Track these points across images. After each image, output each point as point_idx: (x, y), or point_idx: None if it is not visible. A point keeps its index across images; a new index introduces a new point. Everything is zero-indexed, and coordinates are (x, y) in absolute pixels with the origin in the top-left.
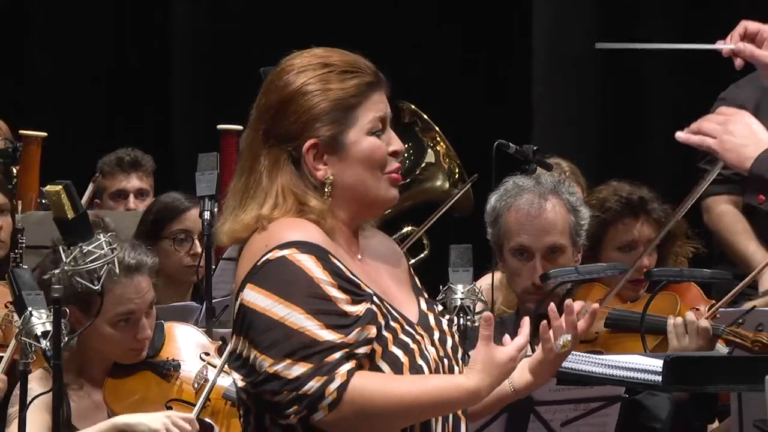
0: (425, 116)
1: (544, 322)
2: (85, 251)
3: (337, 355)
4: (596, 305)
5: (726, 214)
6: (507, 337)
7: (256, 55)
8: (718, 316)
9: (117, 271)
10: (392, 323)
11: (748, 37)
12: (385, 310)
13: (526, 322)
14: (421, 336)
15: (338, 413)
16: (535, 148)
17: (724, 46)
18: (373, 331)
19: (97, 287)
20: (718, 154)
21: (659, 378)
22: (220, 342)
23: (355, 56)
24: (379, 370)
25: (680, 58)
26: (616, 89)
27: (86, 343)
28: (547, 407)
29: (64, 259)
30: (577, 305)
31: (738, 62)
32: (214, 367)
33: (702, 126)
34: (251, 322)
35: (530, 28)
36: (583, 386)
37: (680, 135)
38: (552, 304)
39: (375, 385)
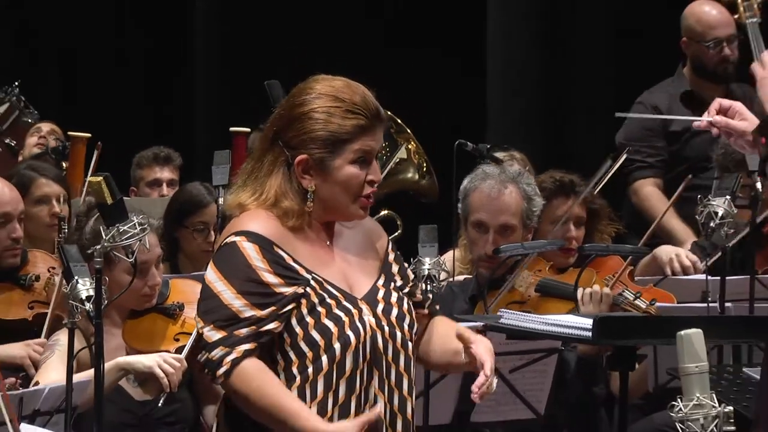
0: (399, 120)
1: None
2: (121, 230)
3: (244, 330)
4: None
5: (651, 195)
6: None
7: (264, 69)
8: (636, 278)
9: (147, 246)
10: (328, 300)
11: (722, 112)
12: (320, 290)
13: (369, 416)
14: (360, 309)
15: (229, 383)
16: (488, 146)
17: (704, 119)
18: (286, 310)
19: (131, 260)
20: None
21: (589, 334)
22: None
23: (363, 96)
24: (312, 339)
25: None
26: (557, 89)
27: (108, 295)
28: (499, 357)
29: (104, 237)
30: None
31: (714, 131)
32: None
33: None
34: (201, 289)
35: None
36: (527, 340)
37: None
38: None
39: (256, 377)
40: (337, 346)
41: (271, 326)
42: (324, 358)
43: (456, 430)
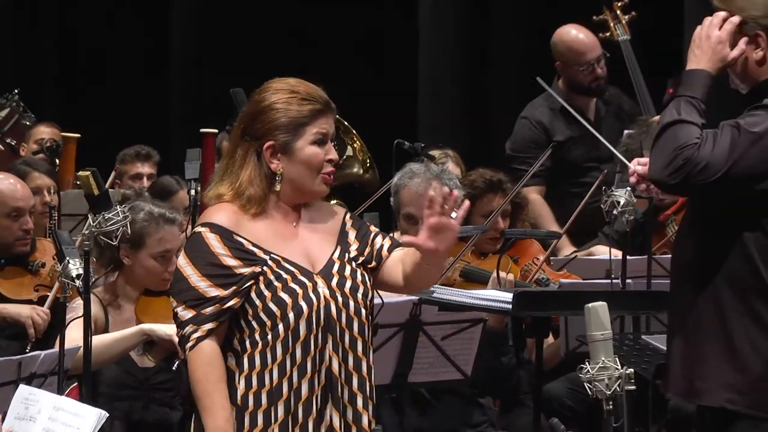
0: (346, 123)
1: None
2: (106, 218)
3: (209, 310)
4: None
5: (535, 201)
6: None
7: (230, 78)
8: (551, 262)
9: (129, 232)
10: (284, 275)
11: (641, 164)
12: (277, 268)
13: None
14: (314, 283)
15: (189, 356)
16: (422, 145)
17: (630, 165)
18: (245, 287)
19: (114, 243)
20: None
21: (510, 306)
22: None
23: (315, 88)
24: (269, 310)
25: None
26: (479, 98)
27: (131, 273)
28: (432, 326)
29: (91, 223)
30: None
31: (633, 178)
32: None
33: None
34: (174, 272)
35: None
36: (456, 312)
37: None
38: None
39: (204, 364)
40: (291, 315)
41: (231, 303)
42: (281, 326)
43: (395, 389)
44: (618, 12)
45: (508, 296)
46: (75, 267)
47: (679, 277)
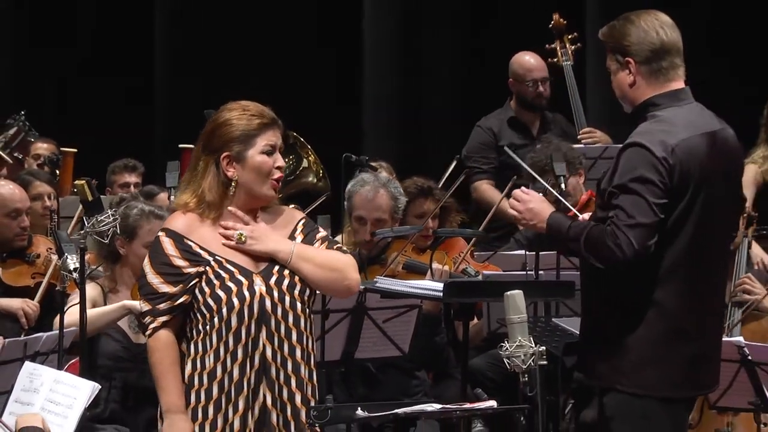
0: (302, 139)
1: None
2: (98, 219)
3: (163, 306)
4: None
5: (486, 190)
6: None
7: (205, 100)
8: (474, 256)
9: (118, 232)
10: (223, 274)
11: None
12: (218, 267)
13: None
14: (251, 281)
15: (149, 344)
16: (366, 158)
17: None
18: (191, 285)
19: (106, 241)
20: (524, 221)
21: (441, 294)
22: None
23: (263, 108)
24: (208, 304)
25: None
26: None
27: (127, 262)
28: (375, 311)
29: (86, 224)
30: (239, 213)
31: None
32: None
33: (512, 203)
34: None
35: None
36: (396, 299)
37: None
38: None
39: (160, 350)
40: (224, 309)
41: (182, 299)
42: (216, 318)
43: (344, 364)
44: (567, 43)
45: (439, 286)
46: (72, 261)
47: (582, 284)
